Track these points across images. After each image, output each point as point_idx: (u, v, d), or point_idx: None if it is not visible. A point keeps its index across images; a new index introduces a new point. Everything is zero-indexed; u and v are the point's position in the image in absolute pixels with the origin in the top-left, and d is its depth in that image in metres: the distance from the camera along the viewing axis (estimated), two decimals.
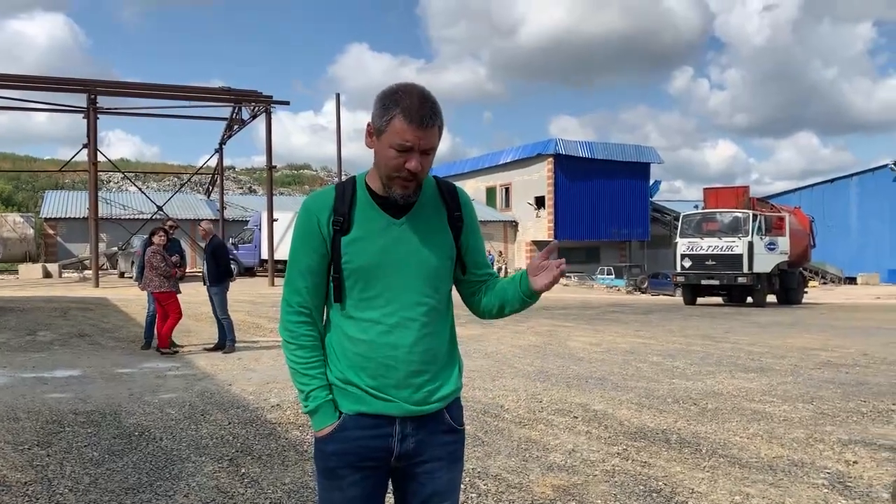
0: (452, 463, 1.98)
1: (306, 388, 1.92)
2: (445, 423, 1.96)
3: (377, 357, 1.86)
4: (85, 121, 26.04)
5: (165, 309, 9.65)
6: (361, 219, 1.90)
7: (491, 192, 45.69)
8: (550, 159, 40.61)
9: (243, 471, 4.50)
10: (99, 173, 28.07)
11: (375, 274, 1.87)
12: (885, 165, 44.47)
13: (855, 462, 4.83)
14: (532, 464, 4.70)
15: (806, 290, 26.50)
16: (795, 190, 49.56)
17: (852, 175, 46.91)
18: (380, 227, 1.89)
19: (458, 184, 2.10)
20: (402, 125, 1.78)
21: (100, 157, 26.99)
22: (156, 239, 9.76)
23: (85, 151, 26.61)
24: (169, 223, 10.91)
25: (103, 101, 26.87)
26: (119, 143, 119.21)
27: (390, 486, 2.02)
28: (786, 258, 23.00)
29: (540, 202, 41.40)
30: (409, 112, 1.78)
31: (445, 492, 1.96)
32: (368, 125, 1.88)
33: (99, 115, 26.27)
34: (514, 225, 43.25)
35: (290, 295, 1.96)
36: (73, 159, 30.70)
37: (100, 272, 25.40)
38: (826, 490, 4.24)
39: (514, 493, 4.14)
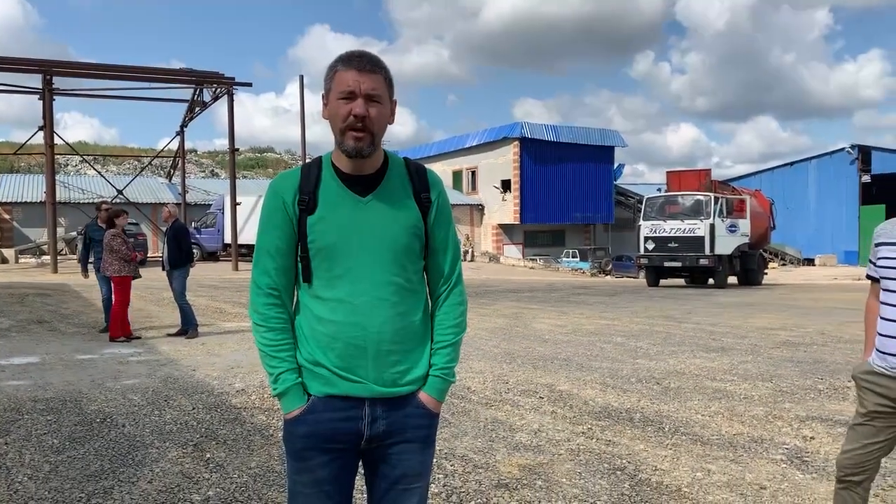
0: (424, 446, 1.96)
1: (275, 371, 1.89)
2: (418, 406, 1.94)
3: (345, 337, 1.85)
4: (41, 102, 25.37)
5: (115, 293, 9.49)
6: (326, 197, 1.88)
7: (457, 176, 45.65)
8: (516, 143, 40.65)
9: (208, 456, 4.46)
10: (56, 156, 27.41)
11: (341, 253, 1.86)
12: (843, 149, 45.39)
13: (812, 437, 4.95)
14: (498, 444, 4.74)
15: (766, 271, 27.05)
16: (756, 173, 50.38)
17: (811, 158, 47.79)
18: (345, 206, 1.88)
19: (417, 162, 2.07)
20: (342, 73, 1.84)
21: (57, 140, 26.35)
22: (119, 221, 9.62)
23: (41, 134, 25.94)
24: (104, 206, 10.75)
25: (60, 83, 26.20)
26: (76, 125, 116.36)
27: (361, 468, 2.02)
28: (746, 240, 23.42)
29: (506, 185, 41.48)
30: (348, 61, 1.85)
31: (416, 474, 1.95)
32: (322, 97, 1.92)
33: (55, 97, 25.62)
34: (480, 208, 43.32)
35: (258, 277, 1.93)
36: (28, 142, 29.95)
37: (58, 257, 24.87)
38: (784, 465, 4.35)
39: (480, 472, 4.16)
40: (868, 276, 2.84)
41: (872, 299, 2.82)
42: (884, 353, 2.68)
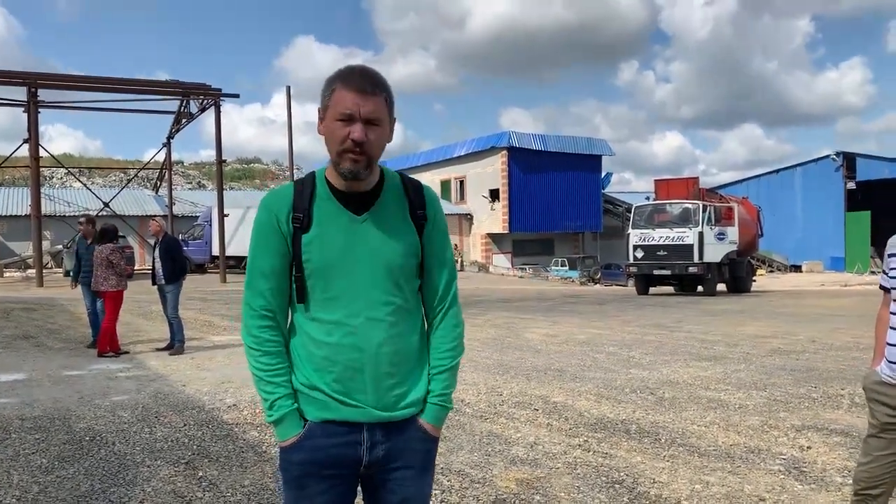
0: (423, 470, 1.91)
1: (270, 397, 1.83)
2: (418, 430, 1.89)
3: (342, 360, 1.79)
4: (25, 115, 25.18)
5: (108, 308, 9.39)
6: (321, 215, 1.82)
7: (445, 185, 45.67)
8: (504, 152, 40.75)
9: (201, 474, 4.38)
10: (41, 169, 27.19)
11: (336, 273, 1.80)
12: (828, 156, 45.72)
13: (809, 447, 4.94)
14: (495, 458, 4.69)
15: (754, 278, 27.16)
16: (743, 180, 50.67)
17: (796, 165, 48.12)
18: (340, 224, 1.82)
19: (413, 178, 2.02)
20: (342, 93, 1.76)
21: (42, 153, 26.15)
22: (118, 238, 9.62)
23: (26, 147, 25.73)
24: (86, 219, 10.70)
25: (44, 95, 26.02)
26: (61, 137, 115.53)
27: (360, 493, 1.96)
28: (735, 247, 23.51)
29: (494, 195, 41.54)
30: (348, 80, 1.76)
31: (415, 499, 1.90)
32: (318, 111, 1.84)
33: (40, 109, 25.44)
34: (468, 218, 43.33)
35: (251, 298, 1.86)
36: (12, 155, 29.70)
37: (44, 271, 24.63)
38: (783, 476, 4.32)
39: (477, 488, 4.11)
40: (881, 287, 2.84)
41: (884, 309, 2.81)
42: (893, 362, 2.67)
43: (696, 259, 21.87)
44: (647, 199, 28.12)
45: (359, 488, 1.94)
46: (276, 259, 1.83)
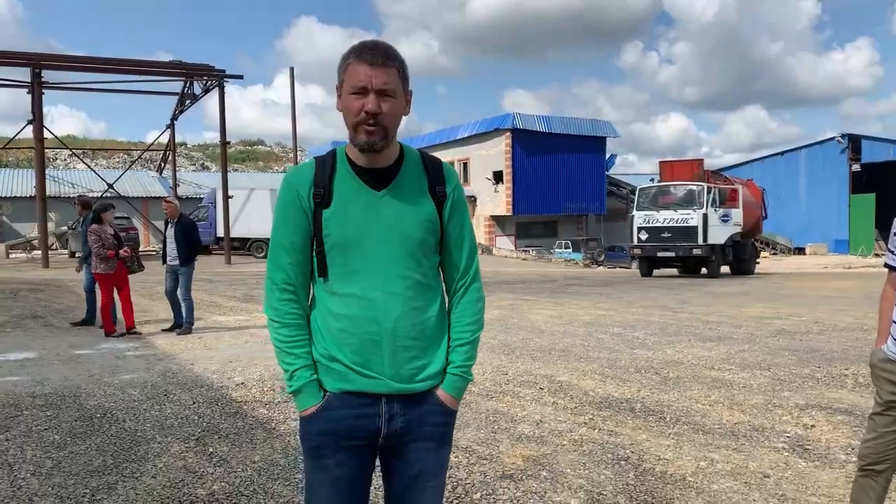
0: (442, 444, 1.94)
1: (290, 368, 1.87)
2: (436, 404, 1.91)
3: (360, 333, 1.82)
4: (29, 96, 25.13)
5: (100, 290, 9.47)
6: (341, 190, 1.85)
7: None
8: (508, 134, 40.56)
9: (211, 450, 4.44)
10: (45, 150, 27.18)
11: (356, 247, 1.83)
12: (833, 138, 45.51)
13: (813, 426, 4.98)
14: (501, 435, 4.74)
15: (758, 260, 27.12)
16: (747, 162, 50.47)
17: (801, 147, 47.91)
18: (360, 199, 1.85)
19: (433, 155, 2.03)
20: (355, 67, 1.79)
21: (46, 134, 26.14)
22: (106, 217, 9.49)
23: (30, 128, 25.70)
24: (80, 199, 10.79)
25: (48, 76, 25.96)
26: (63, 119, 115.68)
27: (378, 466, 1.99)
28: (739, 229, 23.47)
29: (498, 177, 41.42)
30: (361, 54, 1.80)
31: (432, 473, 1.93)
32: (336, 88, 1.88)
33: (44, 91, 25.39)
34: (472, 200, 43.19)
35: (273, 272, 1.90)
36: (17, 136, 29.69)
37: (49, 252, 24.72)
38: (787, 453, 4.37)
39: (485, 464, 4.17)
40: (886, 265, 2.85)
41: (889, 288, 2.83)
42: None
43: (700, 241, 21.84)
44: (652, 180, 28.04)
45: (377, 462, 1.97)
46: (296, 234, 1.87)
